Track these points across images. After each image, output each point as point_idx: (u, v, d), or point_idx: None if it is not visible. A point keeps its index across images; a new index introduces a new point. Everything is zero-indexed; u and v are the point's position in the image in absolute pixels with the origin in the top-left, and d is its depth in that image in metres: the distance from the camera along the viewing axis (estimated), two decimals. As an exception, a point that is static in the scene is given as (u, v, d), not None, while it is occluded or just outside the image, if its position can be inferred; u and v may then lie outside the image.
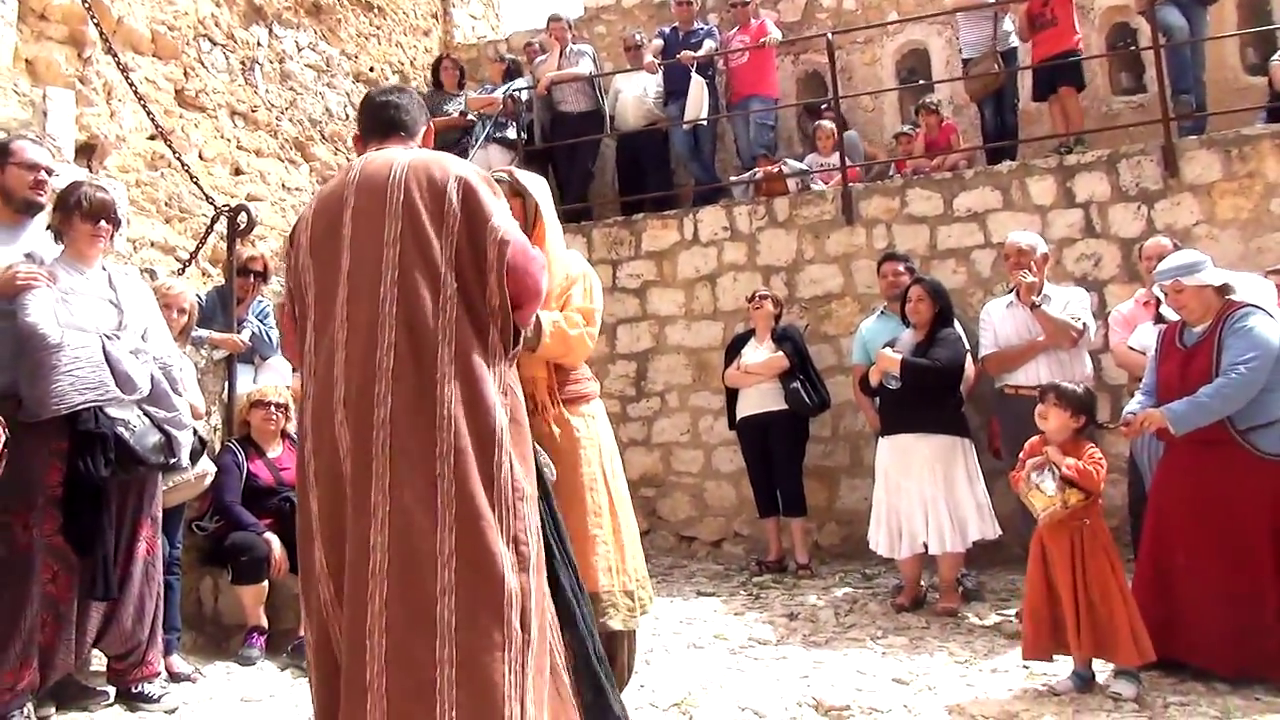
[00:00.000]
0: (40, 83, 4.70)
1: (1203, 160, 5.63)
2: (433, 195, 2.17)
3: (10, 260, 3.21)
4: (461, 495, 2.03)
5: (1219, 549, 3.40)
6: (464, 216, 2.16)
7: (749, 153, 7.45)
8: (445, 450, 2.04)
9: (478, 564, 2.01)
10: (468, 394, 2.09)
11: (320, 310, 2.22)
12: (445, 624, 1.96)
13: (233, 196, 5.78)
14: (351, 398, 2.10)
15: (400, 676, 1.93)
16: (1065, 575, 3.34)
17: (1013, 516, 4.76)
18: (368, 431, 2.06)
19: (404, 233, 2.14)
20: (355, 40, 7.58)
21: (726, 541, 6.38)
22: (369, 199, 2.19)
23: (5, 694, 3.01)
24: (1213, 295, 3.56)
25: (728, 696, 3.44)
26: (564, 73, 7.57)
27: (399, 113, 2.44)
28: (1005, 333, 4.62)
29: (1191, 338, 3.63)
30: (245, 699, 3.57)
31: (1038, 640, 3.42)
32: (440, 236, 2.14)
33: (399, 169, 2.21)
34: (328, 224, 2.25)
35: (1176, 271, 3.59)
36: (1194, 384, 3.47)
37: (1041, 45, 6.58)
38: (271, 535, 4.16)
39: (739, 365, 5.70)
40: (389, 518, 2.01)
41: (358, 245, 2.18)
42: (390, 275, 2.12)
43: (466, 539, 2.01)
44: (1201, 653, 3.40)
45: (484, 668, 1.96)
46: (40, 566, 3.10)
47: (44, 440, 3.12)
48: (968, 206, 6.09)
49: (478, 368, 2.12)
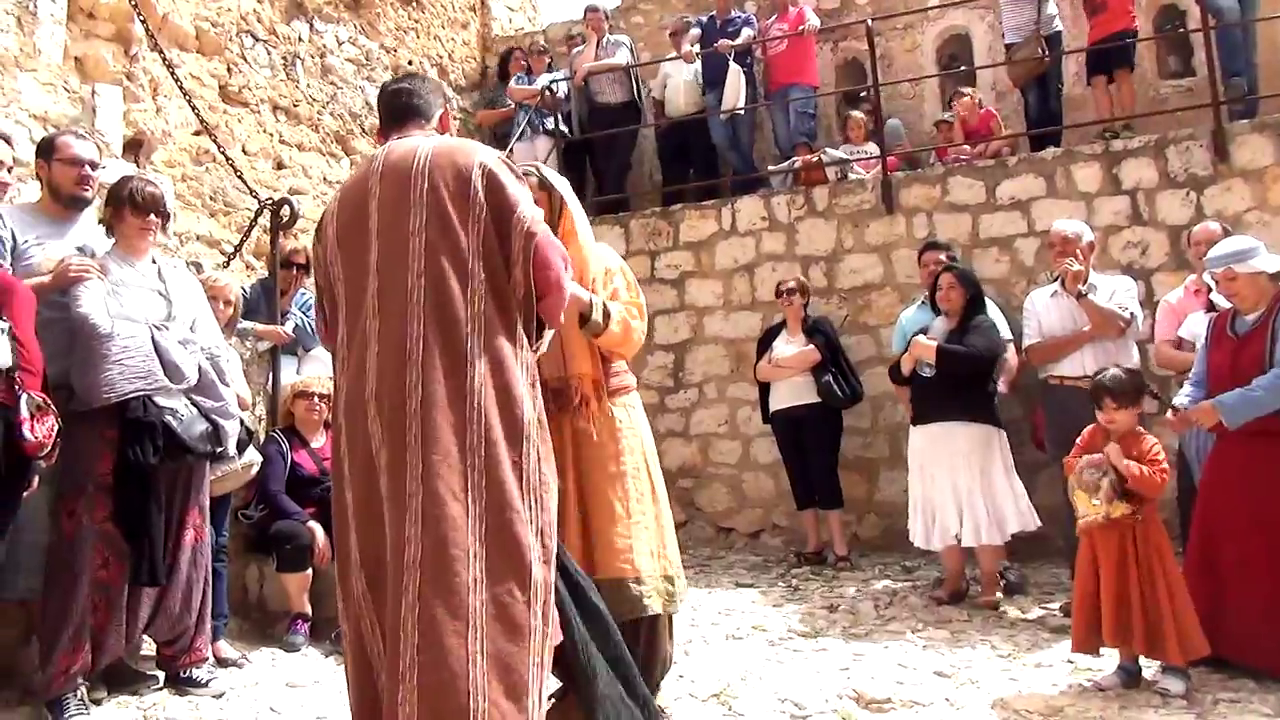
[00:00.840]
0: (89, 79, 4.79)
1: (1254, 145, 5.49)
2: (458, 183, 2.15)
3: (60, 253, 3.29)
4: (492, 486, 2.03)
5: (1272, 544, 3.32)
6: (489, 205, 2.15)
7: (788, 142, 7.39)
8: (476, 441, 2.04)
9: (509, 555, 2.02)
10: (498, 385, 2.09)
11: (350, 302, 2.22)
12: (477, 616, 1.96)
13: (275, 190, 5.86)
14: (384, 390, 2.09)
15: (432, 669, 1.92)
16: (1110, 570, 3.28)
17: (1056, 510, 4.69)
18: (401, 422, 2.05)
19: (429, 222, 2.13)
20: (394, 34, 7.62)
21: (765, 533, 6.37)
22: (394, 188, 2.18)
23: (59, 676, 3.09)
24: (1266, 282, 3.47)
25: (767, 688, 3.43)
26: (601, 63, 7.57)
27: (412, 99, 2.42)
28: (1050, 322, 4.54)
29: (1243, 326, 3.54)
30: (290, 684, 3.63)
31: (1086, 634, 3.36)
32: (466, 225, 2.13)
33: (422, 156, 2.19)
34: (353, 215, 2.23)
35: (1230, 258, 3.50)
36: (1246, 373, 3.39)
37: (1097, 29, 6.45)
38: (315, 524, 4.21)
39: (770, 359, 5.66)
40: (422, 508, 2.00)
41: (385, 236, 2.17)
42: (417, 265, 2.11)
43: (497, 530, 2.02)
44: (1250, 652, 3.32)
45: (512, 661, 1.97)
46: (92, 552, 3.17)
47: (95, 429, 3.19)
48: (1011, 194, 5.99)
49: (507, 359, 2.11)
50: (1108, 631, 3.27)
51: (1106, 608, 3.26)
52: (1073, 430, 3.69)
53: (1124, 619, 3.24)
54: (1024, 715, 3.11)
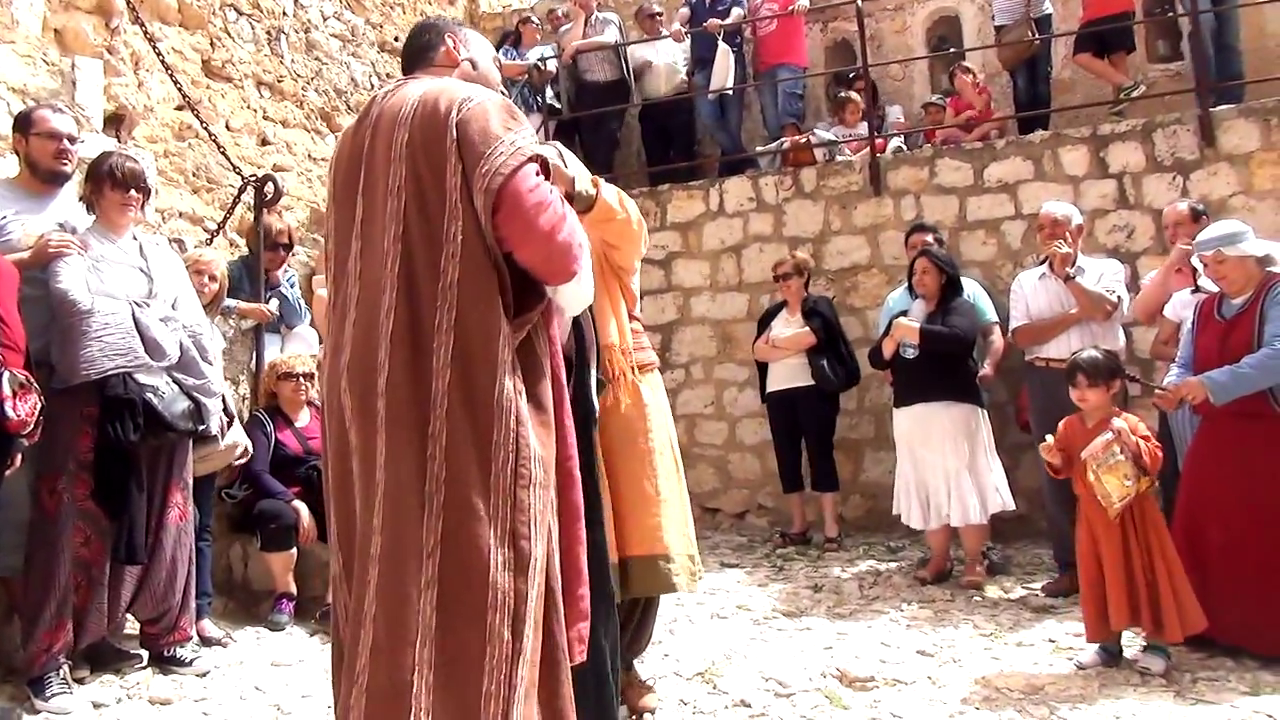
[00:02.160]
0: (69, 52, 4.72)
1: (1240, 130, 5.51)
2: (434, 134, 1.90)
3: (41, 229, 3.25)
4: (452, 480, 1.82)
5: (1257, 525, 3.35)
6: (464, 157, 1.89)
7: (777, 122, 7.37)
8: (437, 428, 1.83)
9: (463, 560, 1.81)
10: (466, 368, 1.86)
11: (338, 265, 2.05)
12: (425, 622, 1.78)
13: (259, 167, 5.80)
14: (355, 363, 1.93)
15: (380, 673, 1.79)
16: (1116, 553, 3.27)
17: (1039, 491, 4.72)
18: (372, 400, 1.89)
19: (408, 179, 1.91)
20: (380, 9, 7.54)
21: (750, 513, 6.39)
22: (381, 141, 1.97)
23: (41, 654, 3.08)
24: (1254, 266, 3.49)
25: (751, 666, 3.45)
26: (589, 41, 7.51)
27: (412, 44, 2.23)
28: (1037, 305, 4.56)
29: (1231, 309, 3.56)
30: (275, 663, 3.62)
31: (1098, 622, 3.34)
32: (443, 181, 1.89)
33: (410, 104, 1.96)
34: (347, 170, 2.05)
35: (1219, 241, 3.53)
36: (1234, 356, 3.41)
37: (1091, 8, 6.43)
38: (299, 503, 4.20)
39: (768, 339, 5.66)
40: (384, 499, 1.85)
41: (369, 194, 1.98)
42: (394, 229, 1.91)
43: (453, 531, 1.81)
44: (1235, 632, 3.35)
45: (462, 675, 1.78)
46: (72, 530, 3.15)
47: (75, 406, 3.16)
48: (998, 177, 6.00)
49: (482, 338, 1.87)
50: (1118, 614, 3.25)
51: (1114, 591, 3.26)
52: (1057, 412, 3.71)
53: (1134, 600, 3.23)
54: (1005, 694, 3.14)
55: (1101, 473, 3.28)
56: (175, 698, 3.24)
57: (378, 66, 7.36)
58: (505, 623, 1.81)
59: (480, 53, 2.27)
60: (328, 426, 2.05)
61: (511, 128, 1.94)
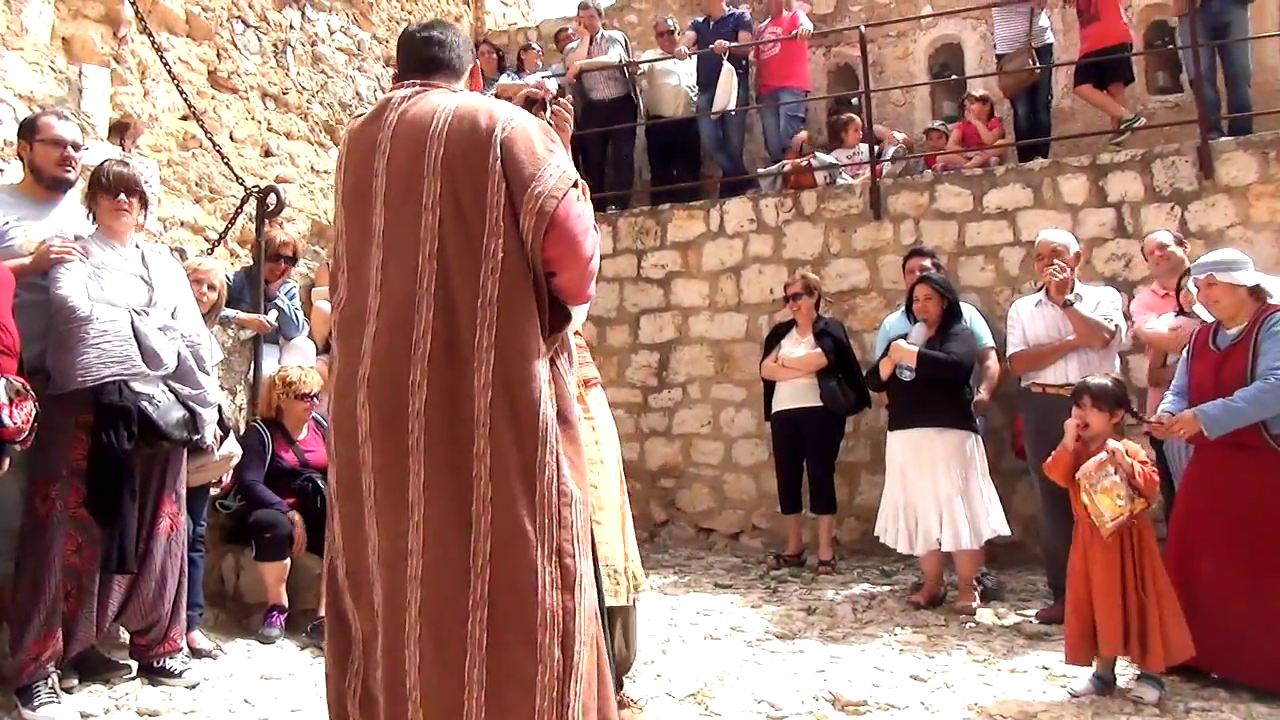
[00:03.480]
0: (76, 60, 4.74)
1: (1239, 161, 5.55)
2: (476, 151, 1.89)
3: (41, 235, 3.25)
4: (498, 501, 1.83)
5: (1249, 555, 3.35)
6: (508, 177, 1.88)
7: (778, 145, 7.41)
8: (481, 449, 1.84)
9: (512, 579, 1.82)
10: (507, 386, 1.85)
11: (353, 271, 2.00)
12: (476, 643, 1.80)
13: (262, 178, 5.82)
14: (379, 379, 1.90)
15: (433, 694, 1.81)
16: (1111, 578, 3.26)
17: (1033, 517, 4.72)
18: (402, 421, 1.87)
19: (444, 195, 1.89)
20: (387, 25, 7.59)
21: (745, 534, 6.37)
22: (406, 152, 1.94)
23: (30, 663, 3.05)
24: (1246, 296, 3.51)
25: (744, 688, 3.43)
26: (593, 61, 7.56)
27: (442, 50, 2.14)
28: (1034, 331, 4.57)
29: (1225, 340, 3.58)
30: (265, 676, 3.60)
31: (1080, 644, 3.34)
32: (484, 199, 1.87)
33: (442, 117, 1.93)
34: (361, 174, 2.00)
35: (1212, 266, 3.57)
36: (1229, 386, 3.42)
37: (1088, 40, 6.49)
38: (294, 514, 4.19)
39: (777, 358, 5.65)
40: (424, 520, 1.84)
41: (393, 204, 1.94)
42: (429, 246, 1.88)
43: (501, 551, 1.82)
44: (1226, 662, 3.34)
45: (514, 695, 1.79)
46: (63, 538, 3.14)
47: (70, 413, 3.15)
48: (998, 204, 6.03)
49: (521, 356, 1.87)
50: (1108, 640, 3.24)
51: (1105, 616, 3.25)
52: (1053, 438, 3.71)
53: (1125, 626, 3.22)
54: (998, 720, 3.13)
55: (1095, 493, 3.29)
56: (164, 709, 3.21)
57: (383, 81, 7.40)
58: (556, 641, 1.82)
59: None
60: (336, 436, 2.01)
61: (554, 150, 1.96)
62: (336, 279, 2.09)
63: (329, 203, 6.42)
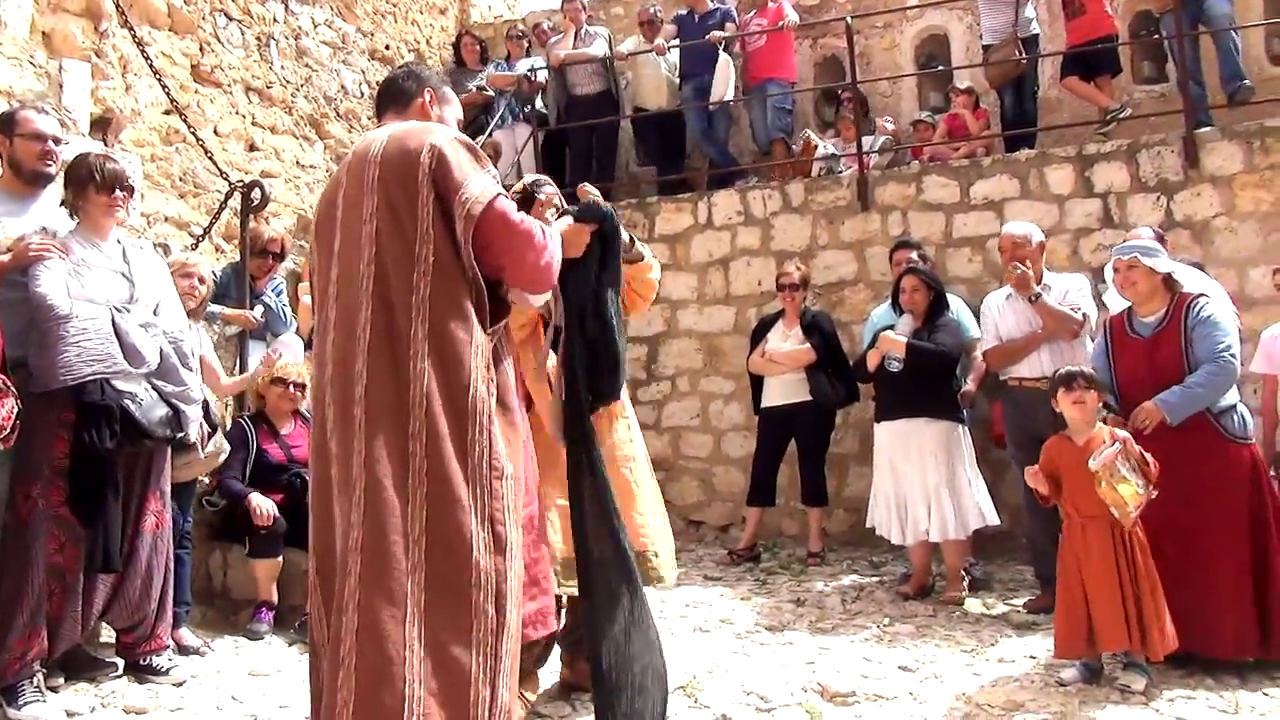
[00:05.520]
0: (56, 55, 4.70)
1: (1224, 152, 5.56)
2: (405, 166, 2.13)
3: (22, 232, 3.22)
4: (434, 474, 2.02)
5: (1202, 534, 3.43)
6: (436, 187, 2.12)
7: (765, 136, 7.40)
8: (418, 428, 2.03)
9: (448, 543, 2.00)
10: (442, 372, 2.07)
11: (320, 292, 2.27)
12: (415, 602, 1.95)
13: (247, 173, 5.78)
14: (336, 377, 2.13)
15: (369, 653, 1.92)
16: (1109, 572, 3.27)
17: (1021, 507, 4.73)
18: (349, 408, 2.07)
19: (379, 207, 2.13)
20: (371, 18, 7.55)
21: (734, 527, 6.37)
22: (353, 177, 2.21)
23: (15, 662, 3.03)
24: (1159, 283, 3.66)
25: (733, 680, 3.44)
26: (577, 52, 7.53)
27: (392, 85, 2.47)
28: (1006, 325, 4.56)
29: (1145, 327, 3.69)
30: (253, 673, 3.59)
31: (1070, 638, 3.35)
32: (415, 209, 2.11)
33: (379, 142, 2.21)
34: (326, 208, 2.29)
35: (1137, 249, 3.71)
36: (1166, 372, 3.54)
37: (1074, 33, 6.49)
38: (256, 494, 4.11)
39: (764, 352, 5.65)
40: (364, 494, 2.01)
41: (345, 224, 2.20)
42: (368, 252, 2.13)
43: (437, 518, 2.01)
44: (1199, 639, 3.39)
45: (451, 649, 1.95)
46: (46, 537, 3.11)
47: (52, 411, 3.12)
48: (984, 195, 6.04)
49: (454, 345, 2.09)
50: (1110, 634, 3.23)
51: (1103, 611, 3.24)
52: (1031, 430, 3.75)
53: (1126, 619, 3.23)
54: (986, 709, 3.14)
55: (1115, 482, 3.25)
56: (150, 707, 3.20)
57: (368, 74, 7.36)
58: (489, 599, 2.01)
59: (451, 115, 2.53)
60: (313, 436, 2.24)
61: (482, 168, 2.19)
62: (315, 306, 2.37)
63: (314, 197, 6.39)
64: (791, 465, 5.76)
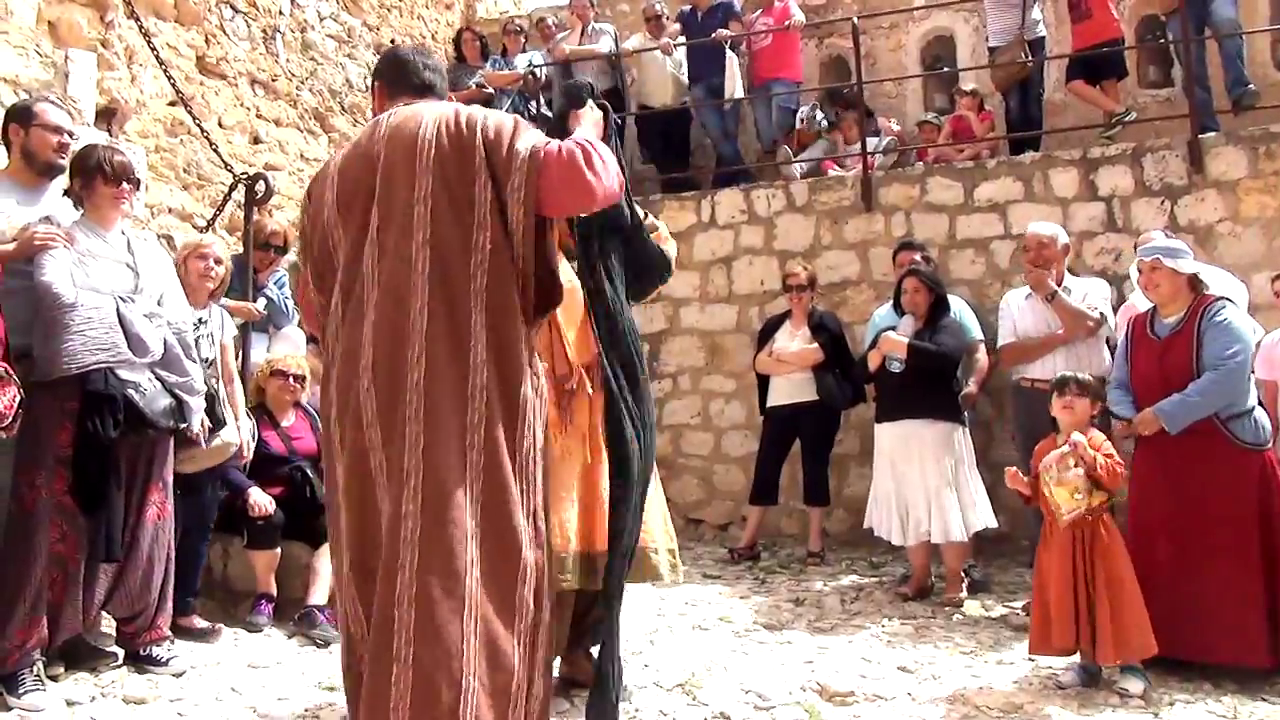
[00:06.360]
0: (62, 45, 4.69)
1: (1228, 157, 5.56)
2: (463, 149, 2.07)
3: (25, 221, 3.22)
4: (489, 467, 2.00)
5: (1202, 537, 3.42)
6: (491, 168, 2.06)
7: (770, 136, 7.39)
8: (476, 420, 2.00)
9: (501, 538, 2.00)
10: (499, 362, 2.04)
11: (348, 271, 2.14)
12: (472, 597, 1.94)
13: (251, 165, 5.77)
14: (380, 362, 2.03)
15: (429, 647, 1.89)
16: (1066, 571, 3.32)
17: (1022, 510, 4.74)
18: (399, 396, 1.99)
19: (435, 189, 2.05)
20: (377, 12, 7.54)
21: (734, 525, 6.37)
22: (399, 154, 2.10)
23: (15, 651, 3.03)
24: (1184, 285, 3.61)
25: (732, 679, 3.44)
26: (583, 49, 7.51)
27: (436, 76, 2.38)
28: (1024, 325, 4.58)
29: (1164, 329, 3.66)
30: (252, 665, 3.59)
31: (1043, 635, 3.40)
32: (472, 193, 2.05)
33: (429, 122, 2.12)
34: (355, 181, 2.16)
35: (1160, 250, 3.66)
36: (1174, 376, 3.52)
37: (1080, 36, 6.49)
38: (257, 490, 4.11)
39: (771, 351, 5.64)
40: (421, 485, 1.96)
41: (386, 203, 2.10)
42: (421, 234, 2.04)
43: (492, 512, 2.00)
44: (1196, 645, 3.39)
45: (500, 643, 1.96)
46: (49, 525, 3.11)
47: (55, 400, 3.12)
48: (989, 197, 6.04)
49: (509, 337, 2.06)
50: (1060, 632, 3.30)
51: (1057, 609, 3.31)
52: (1041, 433, 3.74)
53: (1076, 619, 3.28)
54: (984, 711, 3.14)
55: (1054, 484, 3.36)
56: (150, 697, 3.20)
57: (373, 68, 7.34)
58: (530, 592, 2.03)
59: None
60: (338, 425, 2.11)
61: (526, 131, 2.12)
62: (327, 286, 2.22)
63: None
64: (792, 465, 5.77)
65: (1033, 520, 4.39)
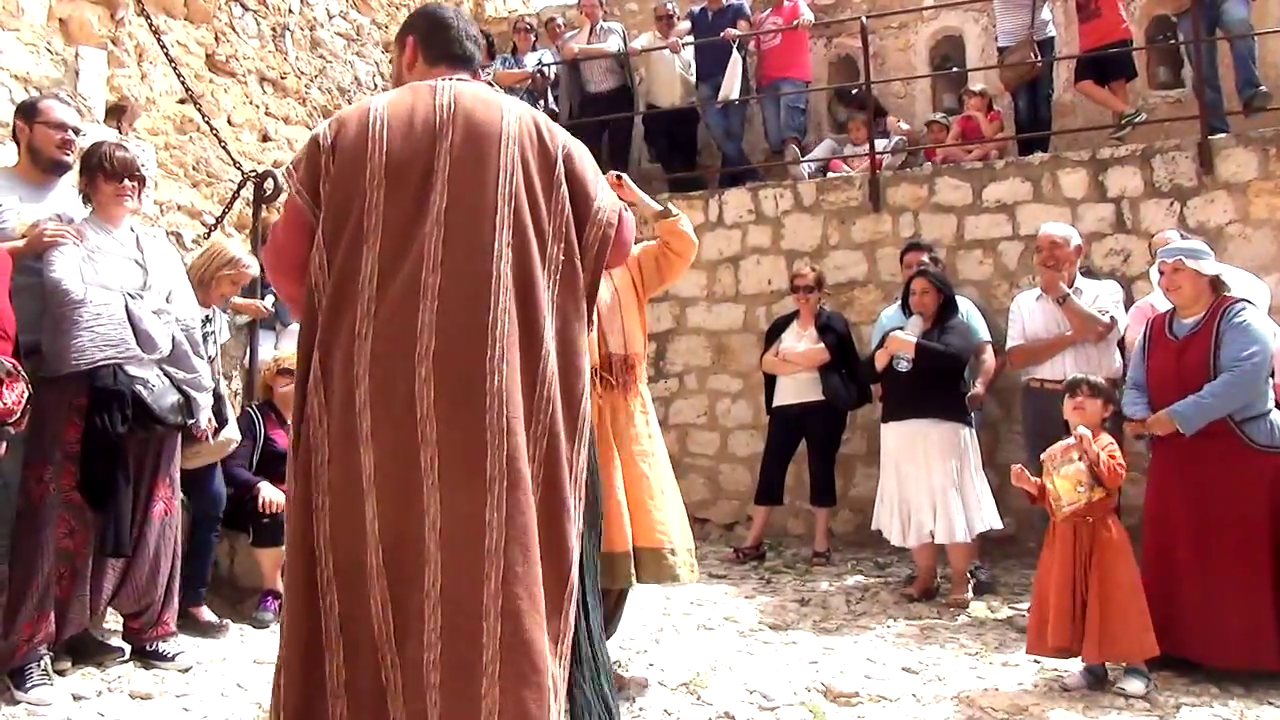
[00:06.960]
0: (73, 42, 4.72)
1: (1238, 158, 5.53)
2: (545, 161, 2.07)
3: (35, 217, 3.24)
4: (549, 480, 1.98)
5: (1218, 540, 3.40)
6: (570, 190, 2.09)
7: (778, 135, 7.38)
8: (540, 432, 1.97)
9: (557, 553, 1.98)
10: (565, 377, 2.02)
11: (390, 240, 1.95)
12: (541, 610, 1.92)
13: (260, 163, 5.79)
14: (447, 355, 1.90)
15: (515, 660, 1.86)
16: (1065, 571, 3.32)
17: (1029, 511, 4.73)
18: (479, 397, 1.89)
19: (520, 192, 2.02)
20: (386, 9, 7.56)
21: (740, 525, 6.37)
22: (477, 140, 2.02)
23: (23, 646, 3.06)
24: (1206, 286, 3.58)
25: (736, 679, 3.44)
26: (592, 48, 7.51)
27: (476, 49, 2.28)
28: (1034, 326, 4.57)
29: (1182, 329, 3.64)
30: (258, 661, 3.60)
31: (1039, 634, 3.40)
32: (550, 205, 2.06)
33: (512, 120, 2.06)
34: (412, 150, 2.00)
35: (1183, 251, 3.63)
36: (1191, 376, 3.49)
37: (1088, 36, 6.47)
38: (268, 485, 4.14)
39: (778, 351, 5.64)
40: (506, 495, 1.89)
41: (458, 186, 1.98)
42: (505, 234, 1.98)
43: (554, 527, 1.97)
44: (1208, 649, 3.38)
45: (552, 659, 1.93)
46: (56, 521, 3.13)
47: (64, 396, 3.14)
48: (997, 197, 6.02)
49: (576, 352, 2.06)
50: (1056, 631, 3.30)
51: (1055, 607, 3.31)
52: (1051, 434, 3.73)
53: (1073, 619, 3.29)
54: (989, 713, 3.13)
55: (1057, 476, 3.36)
56: (156, 692, 3.22)
57: (382, 66, 7.37)
58: (572, 614, 2.03)
59: None
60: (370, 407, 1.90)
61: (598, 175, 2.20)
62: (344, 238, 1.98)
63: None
64: (799, 465, 5.76)
65: (1039, 522, 4.39)
